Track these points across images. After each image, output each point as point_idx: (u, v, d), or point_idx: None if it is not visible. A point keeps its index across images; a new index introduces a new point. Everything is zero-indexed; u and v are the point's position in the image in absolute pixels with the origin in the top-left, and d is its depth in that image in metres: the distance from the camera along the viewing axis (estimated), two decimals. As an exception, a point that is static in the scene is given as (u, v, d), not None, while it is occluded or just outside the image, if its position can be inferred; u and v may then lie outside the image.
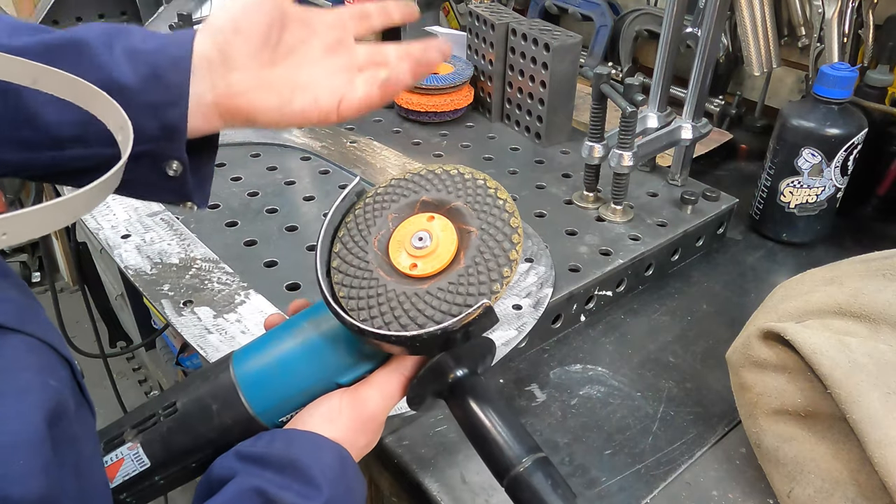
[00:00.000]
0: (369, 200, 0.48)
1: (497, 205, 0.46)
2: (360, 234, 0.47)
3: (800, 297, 0.57)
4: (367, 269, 0.45)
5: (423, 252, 0.44)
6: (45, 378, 0.40)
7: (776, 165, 0.85)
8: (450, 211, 0.46)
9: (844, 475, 0.50)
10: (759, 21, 1.00)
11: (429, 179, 0.48)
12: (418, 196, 0.47)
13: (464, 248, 0.45)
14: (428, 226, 0.46)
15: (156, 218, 0.82)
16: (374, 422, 0.47)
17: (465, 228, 0.45)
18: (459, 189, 0.47)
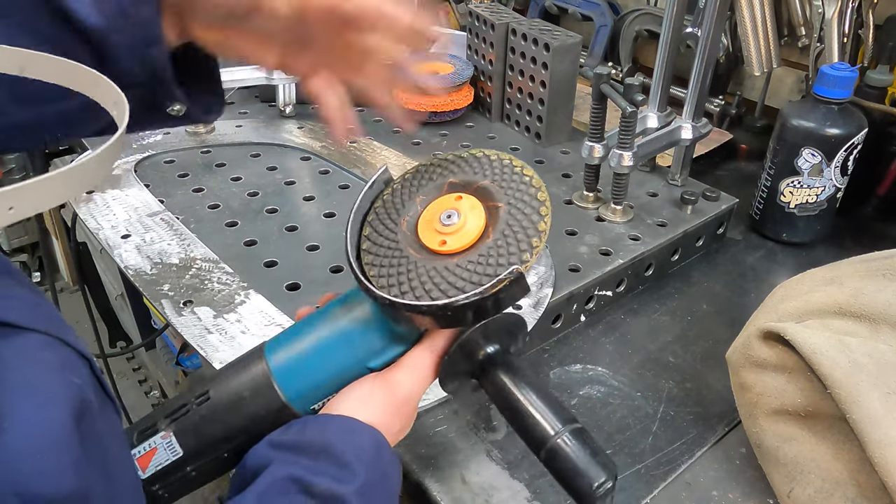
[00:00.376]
0: (397, 186, 0.49)
1: (524, 181, 0.47)
2: (389, 216, 0.48)
3: (800, 297, 0.57)
4: (397, 248, 0.46)
5: (452, 229, 0.45)
6: (66, 375, 0.40)
7: (776, 165, 0.85)
8: (477, 190, 0.47)
9: (844, 475, 0.50)
10: (759, 21, 1.00)
11: (455, 162, 0.49)
12: (445, 178, 0.49)
13: (492, 223, 0.45)
14: (456, 205, 0.47)
15: (156, 218, 0.82)
16: (407, 405, 0.46)
17: (493, 205, 0.46)
18: (486, 169, 0.48)
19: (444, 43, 0.52)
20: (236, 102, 1.15)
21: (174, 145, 1.00)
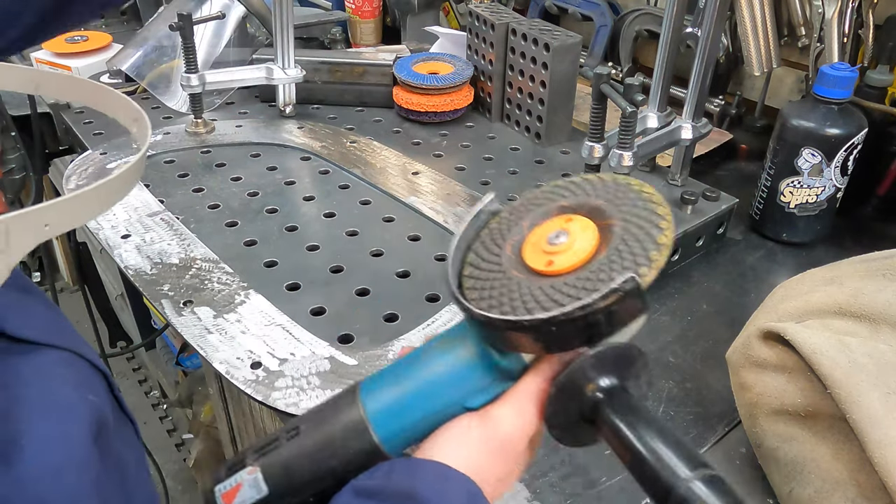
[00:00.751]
0: (505, 215, 0.46)
1: (641, 197, 0.42)
2: (494, 242, 0.45)
3: (800, 297, 0.57)
4: (500, 270, 0.42)
5: (560, 248, 0.41)
6: (83, 393, 0.39)
7: (776, 165, 0.85)
8: (590, 210, 0.43)
9: (844, 475, 0.50)
10: (759, 21, 1.00)
11: (566, 187, 0.46)
12: (555, 203, 0.45)
13: (605, 240, 0.41)
14: (565, 225, 0.43)
15: (156, 218, 0.82)
16: (510, 445, 0.41)
17: (606, 223, 0.42)
18: (598, 190, 0.44)
19: None
20: (236, 102, 1.15)
21: (174, 145, 1.00)
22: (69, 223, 0.33)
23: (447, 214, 0.84)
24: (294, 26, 1.02)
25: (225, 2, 1.17)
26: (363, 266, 0.76)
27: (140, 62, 1.13)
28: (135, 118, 0.40)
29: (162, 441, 1.84)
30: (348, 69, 1.12)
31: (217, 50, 1.15)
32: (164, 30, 1.14)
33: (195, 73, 0.99)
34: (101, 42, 1.28)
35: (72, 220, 0.33)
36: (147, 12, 1.51)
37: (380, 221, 0.84)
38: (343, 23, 1.45)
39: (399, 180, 0.92)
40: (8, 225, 0.29)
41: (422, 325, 0.66)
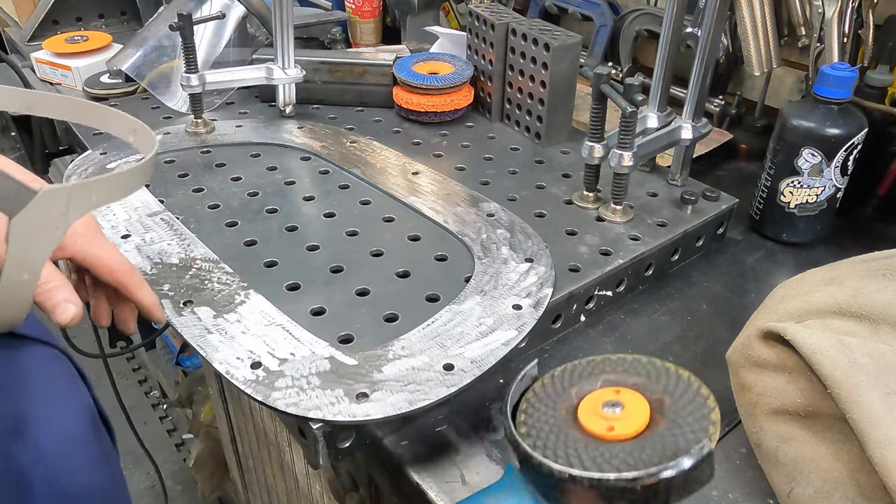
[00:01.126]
0: (547, 381, 0.49)
1: (682, 379, 0.46)
2: (545, 404, 0.47)
3: (800, 297, 0.57)
4: (562, 430, 0.45)
5: (618, 416, 0.44)
6: (75, 385, 0.41)
7: (776, 165, 0.85)
8: (635, 385, 0.47)
9: (844, 475, 0.50)
10: (759, 21, 1.00)
11: (604, 364, 0.49)
12: (599, 376, 0.48)
13: (658, 411, 0.44)
14: (616, 396, 0.46)
15: (156, 218, 0.82)
16: None
17: (655, 398, 0.45)
18: (640, 369, 0.48)
19: None
20: (236, 102, 1.15)
21: (174, 145, 1.00)
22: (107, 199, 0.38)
23: (447, 214, 0.84)
24: (294, 26, 1.02)
25: (225, 2, 1.17)
26: (363, 266, 0.76)
27: (140, 62, 1.13)
28: (133, 129, 0.42)
29: (162, 441, 1.84)
30: (348, 69, 1.12)
31: (217, 50, 1.15)
32: (164, 30, 1.14)
33: (195, 73, 0.99)
34: (101, 42, 1.28)
35: (109, 197, 0.38)
36: (147, 12, 1.51)
37: (380, 221, 0.84)
38: (343, 23, 1.45)
39: (399, 180, 0.92)
40: (70, 192, 0.33)
41: (422, 326, 0.66)
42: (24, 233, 0.32)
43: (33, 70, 1.28)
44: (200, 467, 1.49)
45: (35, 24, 1.44)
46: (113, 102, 1.15)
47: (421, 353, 0.63)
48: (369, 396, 0.57)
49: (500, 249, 0.77)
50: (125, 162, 0.93)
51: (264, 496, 1.19)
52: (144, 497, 1.86)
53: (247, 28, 1.24)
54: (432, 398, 0.58)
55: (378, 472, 0.65)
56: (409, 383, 0.59)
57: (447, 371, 0.60)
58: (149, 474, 1.88)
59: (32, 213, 0.32)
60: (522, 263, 0.74)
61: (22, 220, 0.31)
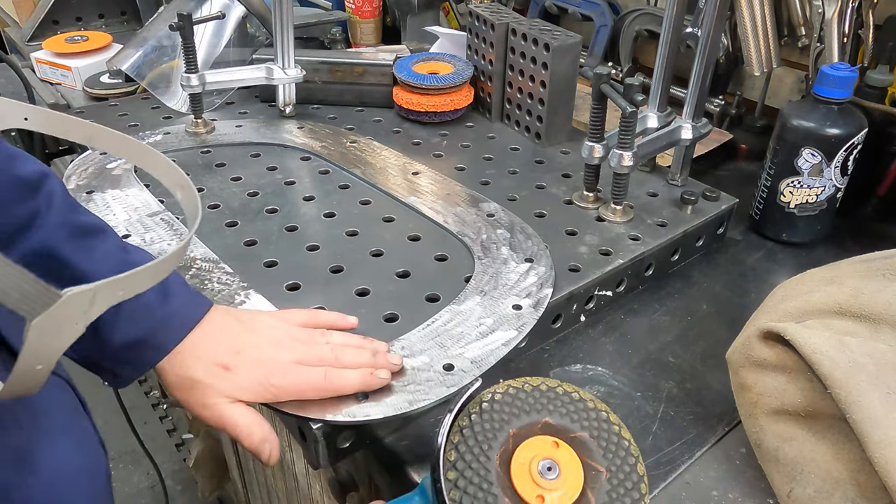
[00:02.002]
0: (486, 406, 0.47)
1: (623, 446, 0.46)
2: (480, 446, 0.45)
3: (800, 297, 0.57)
4: (491, 492, 0.43)
5: (551, 485, 0.43)
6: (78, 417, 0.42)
7: (776, 165, 0.85)
8: (574, 440, 0.46)
9: (844, 475, 0.50)
10: (759, 21, 1.00)
11: (550, 399, 0.48)
12: (541, 416, 0.47)
13: (590, 486, 0.44)
14: (554, 453, 0.45)
15: (156, 218, 0.82)
16: None
17: (592, 465, 0.45)
18: (584, 419, 0.47)
19: None
20: (236, 102, 1.15)
21: (174, 145, 1.00)
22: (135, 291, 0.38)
23: (447, 214, 0.84)
24: (294, 26, 1.02)
25: (225, 2, 1.17)
26: (363, 266, 0.76)
27: (140, 62, 1.13)
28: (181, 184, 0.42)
29: (162, 441, 1.84)
30: (348, 69, 1.12)
31: (217, 50, 1.15)
32: (164, 30, 1.14)
33: (195, 73, 0.99)
34: (101, 42, 1.28)
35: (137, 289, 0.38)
36: (147, 12, 1.51)
37: (380, 221, 0.84)
38: (343, 23, 1.45)
39: (399, 180, 0.92)
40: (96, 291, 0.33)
41: (422, 326, 0.66)
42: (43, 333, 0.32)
43: (33, 70, 1.28)
44: (200, 467, 1.49)
45: (35, 24, 1.44)
46: (113, 102, 1.15)
47: (421, 353, 0.63)
48: (369, 397, 0.57)
49: (500, 249, 0.77)
50: (125, 161, 0.93)
51: (264, 496, 1.19)
52: (144, 497, 1.86)
53: (247, 28, 1.24)
54: (432, 398, 0.58)
55: (378, 472, 0.65)
56: (409, 383, 0.59)
57: (447, 371, 0.60)
58: (149, 474, 1.88)
59: (54, 315, 0.32)
60: (522, 263, 0.74)
61: (41, 322, 0.32)
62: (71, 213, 0.55)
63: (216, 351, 0.56)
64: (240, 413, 0.55)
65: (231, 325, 0.58)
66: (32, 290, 0.32)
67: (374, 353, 0.59)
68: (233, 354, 0.56)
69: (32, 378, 0.34)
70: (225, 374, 0.55)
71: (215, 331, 0.57)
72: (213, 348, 0.56)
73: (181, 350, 0.55)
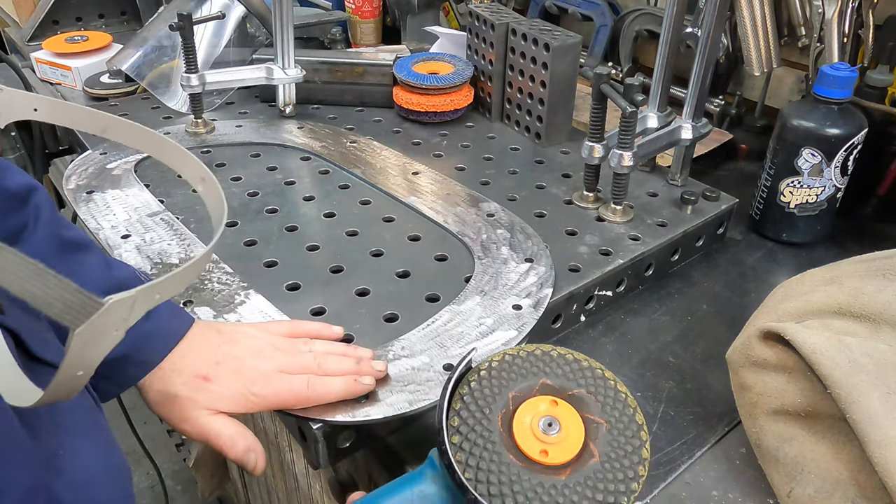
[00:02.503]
0: (484, 374, 0.48)
1: (619, 398, 0.47)
2: (481, 409, 0.46)
3: (800, 297, 0.57)
4: (495, 450, 0.44)
5: (553, 439, 0.44)
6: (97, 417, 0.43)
7: (776, 165, 0.85)
8: (572, 398, 0.47)
9: (844, 475, 0.50)
10: (759, 21, 1.00)
11: (546, 362, 0.48)
12: (538, 378, 0.48)
13: (592, 439, 0.45)
14: (554, 411, 0.46)
15: (156, 218, 0.82)
16: None
17: (592, 419, 0.46)
18: (580, 377, 0.48)
19: None
20: (236, 102, 1.15)
21: (174, 145, 1.00)
22: (170, 294, 0.39)
23: (447, 214, 0.84)
24: (294, 26, 1.02)
25: (225, 2, 1.17)
26: (363, 266, 0.76)
27: (140, 62, 1.13)
28: (201, 177, 0.43)
29: (162, 441, 1.84)
30: (348, 69, 1.12)
31: (217, 50, 1.15)
32: (164, 30, 1.14)
33: (195, 73, 0.99)
34: (101, 42, 1.28)
35: (172, 292, 0.39)
36: (147, 12, 1.51)
37: (380, 221, 0.84)
38: (343, 23, 1.45)
39: (399, 180, 0.92)
40: (136, 298, 0.34)
41: (422, 326, 0.66)
42: (86, 341, 0.33)
43: (33, 70, 1.28)
44: (200, 467, 1.49)
45: (35, 24, 1.44)
46: (113, 102, 1.15)
47: (421, 353, 0.63)
48: (369, 397, 0.57)
49: (500, 249, 0.77)
50: (125, 162, 0.93)
51: (264, 496, 1.19)
52: (144, 497, 1.86)
53: (247, 28, 1.24)
54: (432, 398, 0.58)
55: (378, 471, 0.65)
56: (409, 383, 0.59)
57: (447, 371, 0.60)
58: (149, 474, 1.87)
59: (95, 324, 0.33)
60: (522, 263, 0.74)
61: (84, 331, 0.32)
62: (58, 228, 0.55)
63: (196, 363, 0.56)
64: (221, 424, 0.55)
65: (211, 338, 0.58)
66: (75, 300, 0.32)
67: (358, 361, 0.59)
68: (212, 365, 0.56)
69: (73, 384, 0.35)
70: (204, 385, 0.55)
71: (196, 344, 0.57)
72: (193, 361, 0.56)
73: (163, 366, 0.55)
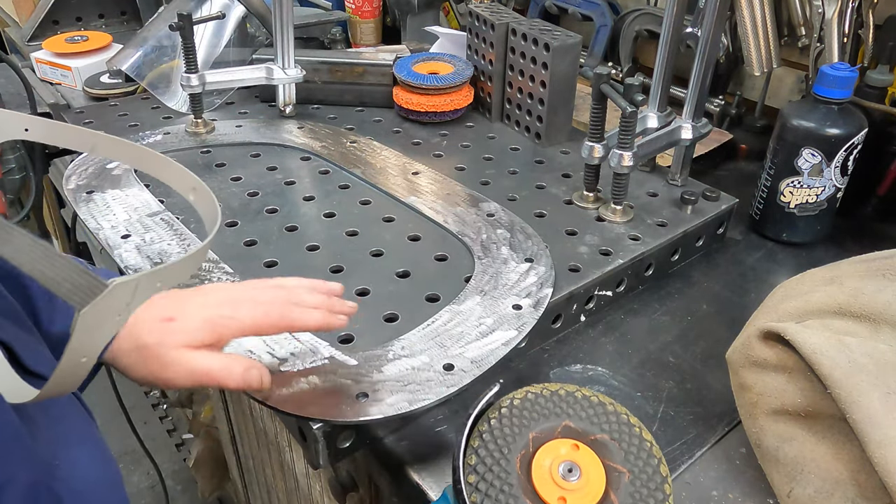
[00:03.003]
0: (505, 411, 0.47)
1: (644, 448, 0.45)
2: (500, 450, 0.45)
3: (800, 297, 0.57)
4: (512, 493, 0.43)
5: (573, 486, 0.43)
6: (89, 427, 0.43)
7: (776, 165, 0.85)
8: (595, 443, 0.45)
9: (844, 475, 0.50)
10: (759, 21, 1.00)
11: (570, 403, 0.47)
12: (560, 420, 0.46)
13: (613, 489, 0.43)
14: (575, 456, 0.44)
15: (156, 218, 0.82)
16: None
17: (614, 467, 0.44)
18: (604, 422, 0.46)
19: None
20: (236, 102, 1.15)
21: (174, 145, 1.00)
22: (172, 283, 0.39)
23: (447, 214, 0.84)
24: (294, 26, 1.02)
25: (225, 2, 1.17)
26: (363, 266, 0.76)
27: (140, 62, 1.13)
28: (192, 187, 0.43)
29: (162, 441, 1.84)
30: (348, 69, 1.12)
31: (217, 50, 1.15)
32: (164, 30, 1.14)
33: (195, 73, 0.99)
34: (101, 42, 1.28)
35: (173, 281, 0.39)
36: (147, 12, 1.51)
37: (380, 221, 0.84)
38: (343, 23, 1.45)
39: (399, 180, 0.92)
40: (138, 282, 0.35)
41: (422, 325, 0.66)
42: (90, 323, 0.34)
43: (33, 70, 1.28)
44: (200, 467, 1.49)
45: (35, 24, 1.44)
46: (113, 102, 1.15)
47: (421, 353, 0.63)
48: (369, 396, 0.57)
49: (500, 249, 0.77)
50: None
51: (264, 496, 1.19)
52: (144, 497, 1.86)
53: (247, 28, 1.24)
54: (432, 398, 0.58)
55: (378, 471, 0.65)
56: (409, 383, 0.59)
57: (447, 371, 0.60)
58: (149, 474, 1.88)
59: (100, 305, 0.33)
60: (522, 263, 0.74)
61: (90, 312, 0.33)
62: None
63: (159, 309, 0.52)
64: (207, 358, 0.51)
65: (175, 291, 0.54)
66: (83, 280, 0.33)
67: (329, 296, 0.57)
68: (177, 307, 0.52)
69: (76, 372, 0.35)
70: (171, 325, 0.51)
71: (157, 299, 0.53)
72: (155, 309, 0.52)
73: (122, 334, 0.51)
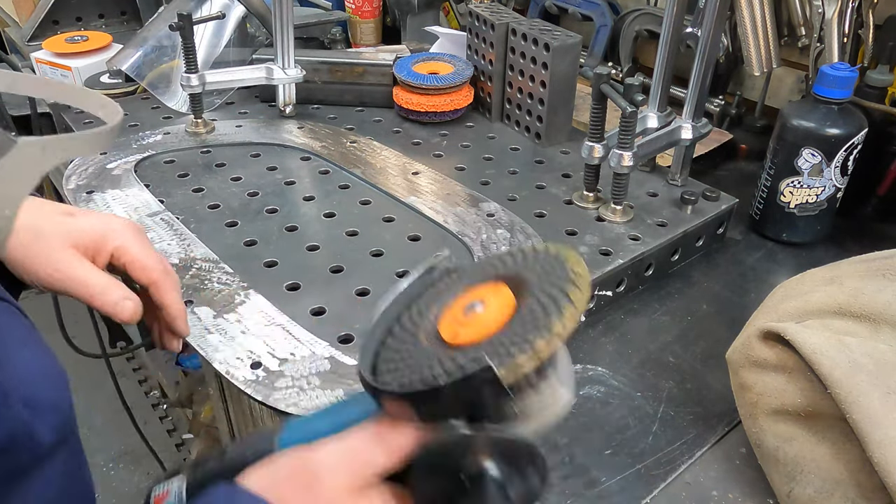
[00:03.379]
0: (454, 276, 0.45)
1: (563, 275, 0.40)
2: (427, 307, 0.43)
3: (800, 297, 0.57)
4: (414, 334, 0.42)
5: (469, 320, 0.40)
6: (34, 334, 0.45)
7: (776, 165, 0.85)
8: (516, 283, 0.42)
9: (844, 475, 0.50)
10: (759, 21, 1.00)
11: (512, 255, 0.44)
12: (496, 270, 0.44)
13: (522, 295, 0.40)
14: (486, 294, 0.41)
15: (156, 218, 0.82)
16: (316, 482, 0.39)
17: (524, 299, 0.40)
18: (535, 263, 0.42)
19: None
20: (236, 102, 1.15)
21: (174, 145, 1.00)
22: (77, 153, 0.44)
23: (447, 214, 0.84)
24: (294, 26, 1.02)
25: (225, 2, 1.17)
26: (363, 266, 0.76)
27: (140, 62, 1.13)
28: (102, 104, 0.47)
29: (162, 441, 1.84)
30: (348, 69, 1.12)
31: (217, 50, 1.15)
32: (164, 30, 1.14)
33: (195, 73, 0.99)
34: (101, 42, 1.28)
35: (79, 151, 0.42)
36: (147, 12, 1.51)
37: (380, 221, 0.84)
38: (343, 23, 1.45)
39: (399, 180, 0.92)
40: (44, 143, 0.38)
41: (422, 325, 0.66)
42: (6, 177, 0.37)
43: (33, 70, 1.28)
44: (200, 467, 1.49)
45: (35, 24, 1.44)
46: (113, 102, 1.15)
47: (421, 353, 0.62)
48: (369, 396, 0.57)
49: (500, 249, 0.77)
50: (125, 162, 0.93)
51: (264, 496, 1.19)
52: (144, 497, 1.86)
53: (247, 28, 1.24)
54: (432, 398, 0.58)
55: (378, 472, 0.65)
56: (409, 383, 0.59)
57: (447, 371, 0.60)
58: (149, 474, 1.87)
59: (15, 158, 0.37)
60: (522, 263, 0.74)
61: (4, 164, 0.37)
62: None
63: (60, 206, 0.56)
64: (93, 271, 0.54)
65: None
66: None
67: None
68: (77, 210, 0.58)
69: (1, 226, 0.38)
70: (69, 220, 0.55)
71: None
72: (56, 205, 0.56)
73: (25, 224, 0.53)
